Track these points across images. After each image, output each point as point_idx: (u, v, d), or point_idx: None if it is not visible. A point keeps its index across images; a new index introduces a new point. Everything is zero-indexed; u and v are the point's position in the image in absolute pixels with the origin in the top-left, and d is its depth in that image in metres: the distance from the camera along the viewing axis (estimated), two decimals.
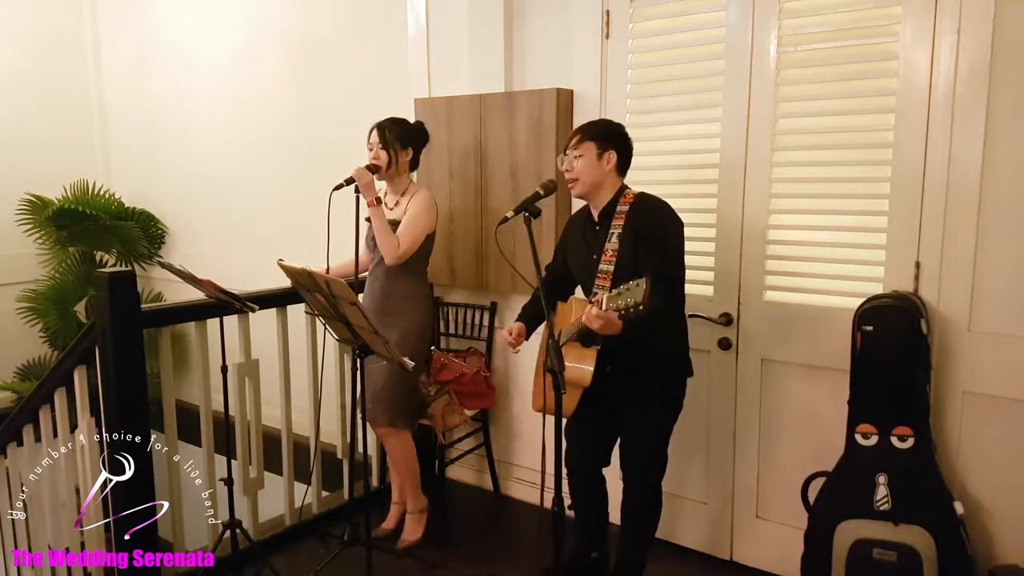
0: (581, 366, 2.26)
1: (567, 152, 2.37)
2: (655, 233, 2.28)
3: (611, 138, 2.35)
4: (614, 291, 1.93)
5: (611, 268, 2.30)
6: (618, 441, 2.52)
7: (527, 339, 2.51)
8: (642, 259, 2.23)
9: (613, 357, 2.31)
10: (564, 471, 2.40)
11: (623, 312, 1.89)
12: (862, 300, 2.41)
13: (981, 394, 2.36)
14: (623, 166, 2.39)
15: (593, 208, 2.42)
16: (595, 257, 2.36)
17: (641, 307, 1.85)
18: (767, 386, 2.76)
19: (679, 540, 3.03)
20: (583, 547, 2.69)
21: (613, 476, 2.59)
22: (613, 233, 2.32)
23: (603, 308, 1.96)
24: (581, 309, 2.29)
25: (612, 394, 2.37)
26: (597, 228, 2.40)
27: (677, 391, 2.45)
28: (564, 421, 2.50)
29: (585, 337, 2.24)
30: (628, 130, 2.41)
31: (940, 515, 2.28)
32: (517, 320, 2.53)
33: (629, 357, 2.31)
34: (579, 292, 2.56)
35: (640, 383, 2.37)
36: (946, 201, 2.34)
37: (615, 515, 2.59)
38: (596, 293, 2.31)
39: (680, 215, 2.37)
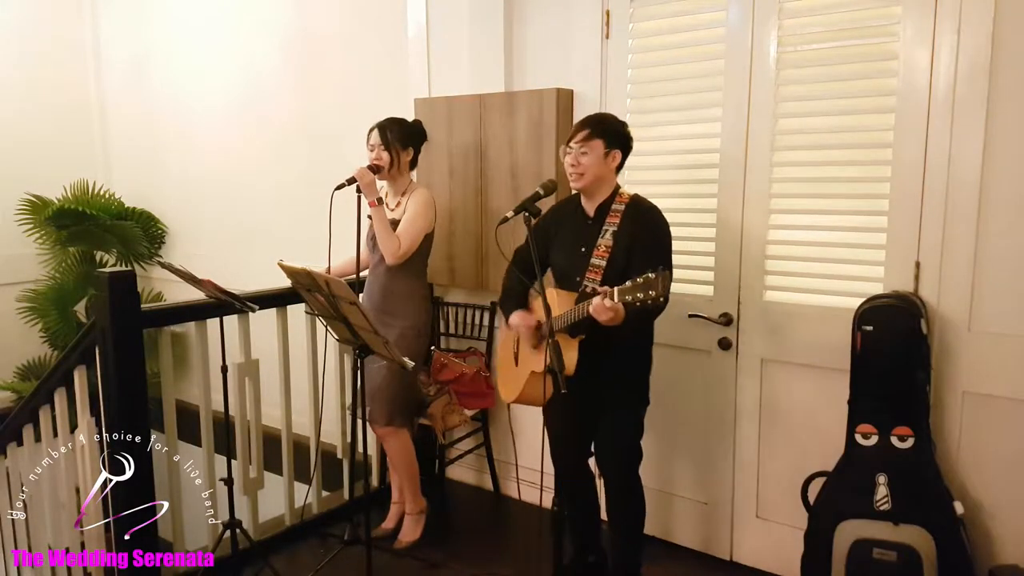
0: (567, 354, 2.28)
1: (572, 145, 2.36)
2: (652, 237, 2.32)
3: (618, 138, 2.37)
4: (628, 283, 1.95)
5: (603, 263, 2.32)
6: (593, 440, 2.53)
7: None
8: (637, 260, 2.24)
9: (592, 347, 2.31)
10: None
11: (638, 303, 1.92)
12: (862, 300, 2.41)
13: (981, 394, 2.36)
14: (621, 166, 2.41)
15: (587, 203, 2.43)
16: (584, 250, 2.36)
17: (661, 299, 1.91)
18: (767, 386, 2.76)
19: (679, 540, 3.03)
20: (580, 549, 2.69)
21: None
22: (608, 230, 2.34)
23: (615, 300, 1.97)
24: (566, 300, 2.29)
25: (587, 384, 2.36)
26: (590, 222, 2.40)
27: (646, 383, 2.49)
28: (553, 426, 2.52)
29: (573, 327, 2.25)
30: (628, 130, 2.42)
31: (940, 515, 2.28)
32: (512, 312, 2.50)
33: (606, 348, 2.31)
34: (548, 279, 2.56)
35: (615, 374, 2.39)
36: (946, 201, 2.34)
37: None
38: (586, 286, 2.32)
39: (680, 215, 2.40)
